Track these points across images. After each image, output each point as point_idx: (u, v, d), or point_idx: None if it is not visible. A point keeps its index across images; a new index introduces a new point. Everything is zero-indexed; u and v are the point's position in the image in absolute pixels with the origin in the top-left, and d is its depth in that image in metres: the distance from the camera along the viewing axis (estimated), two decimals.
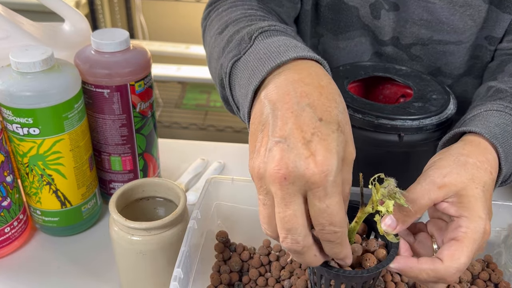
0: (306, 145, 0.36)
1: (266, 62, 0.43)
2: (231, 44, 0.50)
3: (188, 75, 2.30)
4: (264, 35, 0.47)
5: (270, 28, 0.48)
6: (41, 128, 0.60)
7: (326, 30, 0.77)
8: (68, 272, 0.66)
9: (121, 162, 0.72)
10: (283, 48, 0.43)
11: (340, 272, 0.44)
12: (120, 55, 0.65)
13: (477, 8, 0.67)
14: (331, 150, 0.36)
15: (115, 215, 0.55)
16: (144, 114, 0.70)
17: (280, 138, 0.37)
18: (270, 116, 0.38)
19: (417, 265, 0.44)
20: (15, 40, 0.69)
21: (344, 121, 0.39)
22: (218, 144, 0.93)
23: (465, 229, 0.44)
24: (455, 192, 0.46)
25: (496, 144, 0.50)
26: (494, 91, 0.61)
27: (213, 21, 0.61)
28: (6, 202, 0.64)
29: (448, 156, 0.48)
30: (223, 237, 0.61)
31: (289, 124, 0.37)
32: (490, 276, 0.59)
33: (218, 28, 0.57)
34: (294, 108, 0.38)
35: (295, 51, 0.43)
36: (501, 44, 0.71)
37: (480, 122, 0.53)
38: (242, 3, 0.63)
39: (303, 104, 0.38)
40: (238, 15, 0.57)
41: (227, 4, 0.63)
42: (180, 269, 0.48)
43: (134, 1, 2.44)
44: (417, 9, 0.69)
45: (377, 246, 0.47)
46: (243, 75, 0.46)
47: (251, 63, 0.45)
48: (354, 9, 0.73)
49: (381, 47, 0.75)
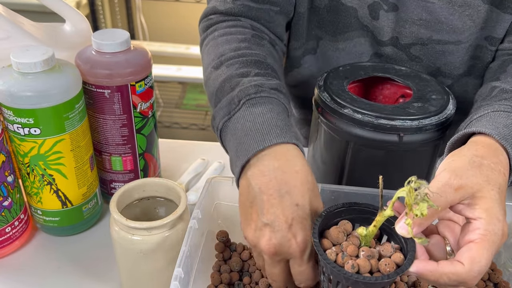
0: (288, 229, 0.47)
1: (251, 145, 0.51)
2: (223, 100, 0.58)
3: (188, 76, 2.30)
4: (250, 103, 0.55)
5: (256, 96, 0.56)
6: (42, 128, 0.60)
7: (325, 33, 0.77)
8: (69, 272, 0.66)
9: (121, 162, 0.72)
10: (266, 130, 0.52)
11: (360, 278, 0.43)
12: (120, 56, 0.65)
13: (476, 8, 0.67)
14: (306, 232, 0.47)
15: (116, 215, 0.55)
16: (145, 114, 0.71)
17: (268, 221, 0.47)
18: (257, 198, 0.48)
19: (438, 268, 0.44)
20: (16, 41, 0.69)
21: (313, 195, 0.49)
22: (218, 144, 0.91)
23: (483, 231, 0.44)
24: (471, 194, 0.45)
25: (506, 145, 0.50)
26: (499, 91, 0.61)
27: (210, 48, 0.68)
28: (7, 202, 0.64)
29: (462, 157, 0.48)
30: (223, 236, 0.61)
31: (273, 209, 0.47)
32: (489, 275, 0.59)
33: (214, 60, 0.65)
34: (276, 195, 0.48)
35: (275, 136, 0.51)
36: (502, 44, 0.71)
37: (489, 123, 0.53)
38: (236, 30, 0.68)
39: (283, 192, 0.48)
40: (232, 51, 0.64)
41: (223, 29, 0.69)
42: (180, 269, 0.49)
43: (135, 2, 2.44)
44: (416, 9, 0.69)
45: (393, 250, 0.46)
46: (232, 141, 0.55)
47: (238, 133, 0.54)
48: (352, 10, 0.73)
49: (380, 48, 0.75)
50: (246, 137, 0.52)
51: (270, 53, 0.68)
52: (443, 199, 0.45)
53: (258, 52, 0.65)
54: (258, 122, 0.53)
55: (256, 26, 0.71)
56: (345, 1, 0.72)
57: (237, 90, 0.57)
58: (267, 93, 0.57)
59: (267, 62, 0.64)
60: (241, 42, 0.66)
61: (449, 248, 0.48)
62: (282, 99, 0.58)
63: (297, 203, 0.48)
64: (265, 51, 0.67)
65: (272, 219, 0.47)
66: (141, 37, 2.52)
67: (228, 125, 0.56)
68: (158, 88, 2.59)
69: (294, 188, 0.48)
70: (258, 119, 0.53)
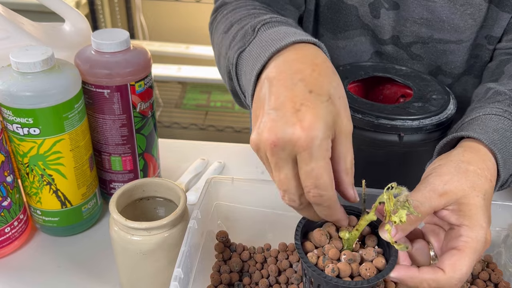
0: (294, 114, 0.39)
1: (267, 48, 0.46)
2: (236, 38, 0.53)
3: (188, 75, 2.31)
4: (267, 26, 0.51)
5: (271, 20, 0.52)
6: (42, 128, 0.60)
7: (325, 30, 0.77)
8: (68, 272, 0.66)
9: (121, 162, 0.72)
10: (283, 35, 0.46)
11: (340, 283, 0.43)
12: (120, 55, 0.65)
13: (478, 7, 0.67)
14: (318, 117, 0.39)
15: (115, 215, 0.55)
16: (144, 114, 0.70)
17: (273, 110, 0.40)
18: (267, 92, 0.42)
19: (418, 274, 0.44)
20: (16, 40, 0.69)
21: (337, 94, 0.41)
22: (218, 144, 0.93)
23: (466, 238, 0.44)
24: (455, 200, 0.45)
25: (495, 150, 0.50)
26: (493, 93, 0.60)
27: (219, 23, 0.65)
28: (7, 202, 0.64)
29: (449, 162, 0.48)
30: (223, 237, 0.61)
31: (281, 98, 0.40)
32: (490, 276, 0.59)
33: (224, 28, 0.61)
34: (287, 84, 0.41)
35: (294, 36, 0.46)
36: (500, 43, 0.71)
37: (479, 127, 0.53)
38: (245, 5, 0.65)
39: (295, 80, 0.41)
40: (243, 15, 0.60)
41: (232, 6, 0.66)
42: (180, 269, 0.48)
43: (134, 1, 2.44)
44: (417, 8, 0.69)
45: (376, 254, 0.46)
46: (248, 63, 0.49)
47: (254, 51, 0.48)
48: (353, 8, 0.73)
49: (381, 46, 0.75)
50: (262, 49, 0.47)
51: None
52: (427, 205, 0.45)
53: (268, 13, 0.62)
54: (276, 34, 0.48)
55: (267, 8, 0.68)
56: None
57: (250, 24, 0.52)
58: (283, 19, 0.53)
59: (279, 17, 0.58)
60: (251, 10, 0.62)
61: (432, 253, 0.48)
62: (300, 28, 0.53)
63: (311, 89, 0.40)
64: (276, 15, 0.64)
65: (277, 105, 0.40)
66: (141, 37, 2.52)
67: (243, 55, 0.50)
68: (158, 88, 2.59)
69: (309, 77, 0.41)
70: (275, 33, 0.48)
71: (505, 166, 0.50)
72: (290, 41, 0.45)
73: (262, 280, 0.58)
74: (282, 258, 0.60)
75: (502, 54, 0.71)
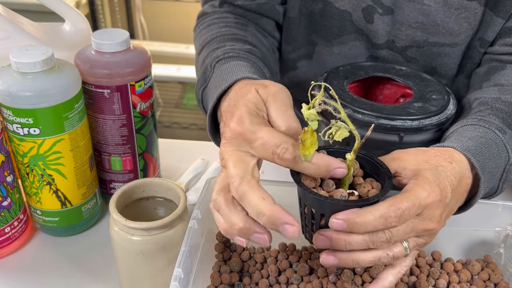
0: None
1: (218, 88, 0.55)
2: (199, 72, 0.64)
3: (188, 75, 2.30)
4: (220, 63, 0.60)
5: (224, 56, 0.61)
6: (42, 128, 0.60)
7: (320, 38, 0.77)
8: (68, 272, 0.66)
9: (121, 162, 0.72)
10: (229, 75, 0.56)
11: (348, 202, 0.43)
12: (120, 55, 0.65)
13: (473, 11, 0.67)
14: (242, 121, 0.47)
15: (115, 215, 0.55)
16: (144, 114, 0.70)
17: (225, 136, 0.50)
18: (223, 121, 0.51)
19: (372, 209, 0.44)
20: (16, 40, 0.69)
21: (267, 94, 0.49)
22: None
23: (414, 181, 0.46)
24: (406, 167, 0.48)
25: (469, 156, 0.51)
26: (478, 103, 0.63)
27: (197, 37, 0.74)
28: (7, 202, 0.64)
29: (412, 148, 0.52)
30: (223, 237, 0.61)
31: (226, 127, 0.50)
32: (489, 276, 0.59)
33: (198, 47, 0.71)
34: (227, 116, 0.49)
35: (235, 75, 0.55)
36: (493, 47, 0.70)
37: (455, 137, 0.55)
38: (219, 22, 0.73)
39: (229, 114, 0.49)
40: (213, 35, 0.69)
41: (209, 20, 0.75)
42: (180, 269, 0.48)
43: (134, 1, 2.44)
44: (412, 12, 0.69)
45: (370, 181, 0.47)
46: (209, 98, 0.59)
47: (211, 89, 0.58)
48: (346, 13, 0.73)
49: (376, 51, 0.75)
50: (215, 88, 0.56)
51: (253, 34, 0.72)
52: None
53: (237, 32, 0.69)
54: (225, 73, 0.57)
55: (242, 19, 0.75)
56: (338, 5, 0.72)
57: (209, 59, 0.62)
58: (236, 53, 0.61)
59: (247, 40, 0.67)
60: (222, 28, 0.70)
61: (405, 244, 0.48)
62: (254, 59, 0.61)
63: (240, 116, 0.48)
64: (247, 32, 0.71)
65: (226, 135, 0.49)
66: (140, 37, 2.52)
67: (206, 91, 0.60)
68: (158, 88, 2.58)
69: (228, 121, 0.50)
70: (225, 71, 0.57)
71: (484, 169, 0.52)
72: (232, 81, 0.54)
73: (262, 280, 0.58)
74: (282, 258, 0.60)
75: (492, 60, 0.71)
